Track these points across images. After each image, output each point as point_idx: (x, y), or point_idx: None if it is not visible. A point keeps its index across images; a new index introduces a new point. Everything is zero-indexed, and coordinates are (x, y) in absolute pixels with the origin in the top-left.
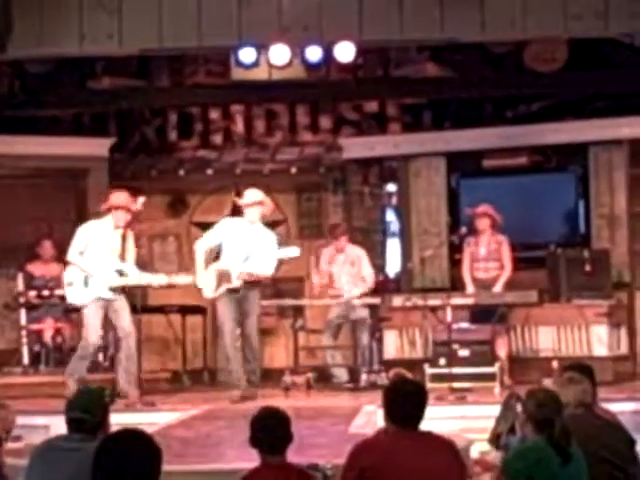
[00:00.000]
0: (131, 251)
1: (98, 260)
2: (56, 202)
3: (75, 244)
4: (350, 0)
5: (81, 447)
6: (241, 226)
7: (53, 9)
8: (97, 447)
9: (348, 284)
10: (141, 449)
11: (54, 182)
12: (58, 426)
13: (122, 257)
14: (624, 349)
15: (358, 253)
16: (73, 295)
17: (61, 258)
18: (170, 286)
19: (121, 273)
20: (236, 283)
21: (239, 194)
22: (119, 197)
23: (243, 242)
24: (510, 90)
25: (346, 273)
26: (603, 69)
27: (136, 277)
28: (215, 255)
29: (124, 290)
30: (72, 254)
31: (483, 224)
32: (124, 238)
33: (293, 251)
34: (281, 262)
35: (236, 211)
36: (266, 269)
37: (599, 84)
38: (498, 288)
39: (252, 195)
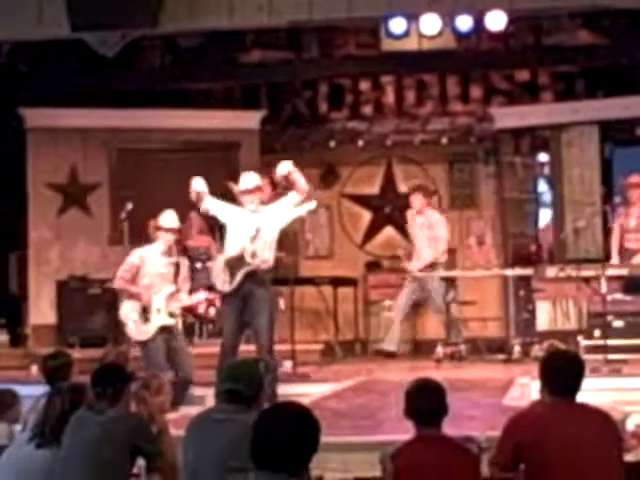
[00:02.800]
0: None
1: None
2: (208, 175)
3: (123, 270)
4: None
5: (235, 418)
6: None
7: None
8: (256, 419)
9: (424, 249)
10: (300, 422)
11: (206, 155)
12: (213, 397)
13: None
14: None
15: (437, 217)
16: (137, 329)
17: (210, 230)
18: None
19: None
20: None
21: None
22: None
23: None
24: None
25: (424, 236)
26: None
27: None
28: None
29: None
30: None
31: (636, 195)
32: (176, 266)
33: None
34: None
35: (388, 182)
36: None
37: None
38: None
39: (244, 182)
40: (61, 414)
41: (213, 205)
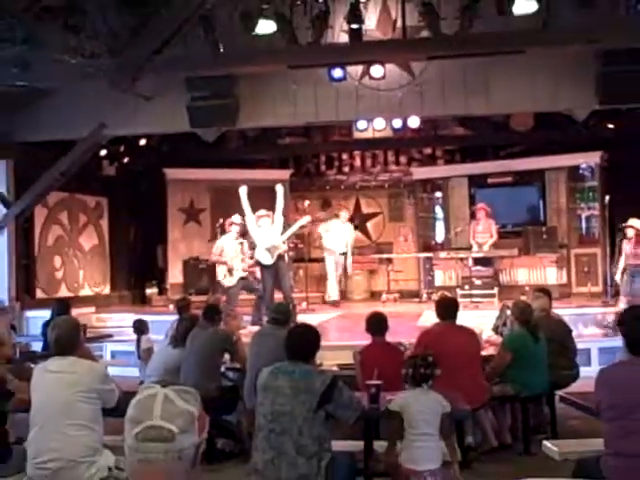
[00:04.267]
0: (246, 251)
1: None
2: (262, 205)
3: (215, 251)
4: (416, 95)
5: (276, 333)
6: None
7: (260, 101)
8: (287, 333)
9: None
10: (310, 333)
11: (261, 194)
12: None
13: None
14: (565, 280)
15: (347, 226)
16: (227, 280)
17: None
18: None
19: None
20: (283, 247)
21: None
22: (233, 218)
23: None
24: (502, 140)
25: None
26: (554, 129)
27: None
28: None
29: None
30: (215, 257)
31: (480, 214)
32: (242, 244)
33: (307, 218)
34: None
35: (357, 208)
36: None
37: (551, 137)
38: (486, 247)
39: (260, 212)
40: (185, 330)
41: (250, 229)
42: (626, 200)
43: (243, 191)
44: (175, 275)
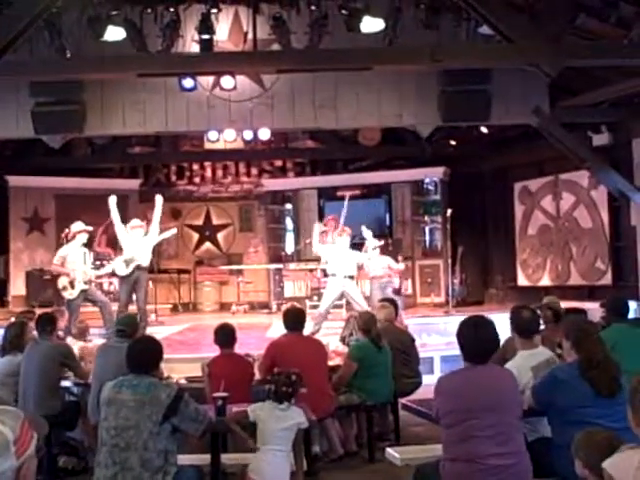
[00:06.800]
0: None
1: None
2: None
3: (56, 260)
4: (267, 107)
5: (122, 346)
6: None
7: (108, 109)
8: (128, 347)
9: None
10: (151, 345)
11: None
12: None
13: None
14: (410, 290)
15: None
16: (68, 293)
17: (110, 244)
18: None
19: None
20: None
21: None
22: (78, 225)
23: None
24: (351, 154)
25: None
26: (400, 145)
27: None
28: None
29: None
30: (55, 267)
31: (329, 225)
32: (85, 254)
33: (173, 231)
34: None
35: (207, 218)
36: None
37: (398, 152)
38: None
39: (134, 222)
40: (13, 336)
41: (120, 233)
42: (464, 213)
43: (112, 200)
44: (17, 287)
